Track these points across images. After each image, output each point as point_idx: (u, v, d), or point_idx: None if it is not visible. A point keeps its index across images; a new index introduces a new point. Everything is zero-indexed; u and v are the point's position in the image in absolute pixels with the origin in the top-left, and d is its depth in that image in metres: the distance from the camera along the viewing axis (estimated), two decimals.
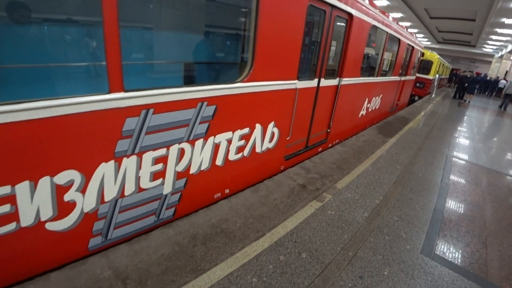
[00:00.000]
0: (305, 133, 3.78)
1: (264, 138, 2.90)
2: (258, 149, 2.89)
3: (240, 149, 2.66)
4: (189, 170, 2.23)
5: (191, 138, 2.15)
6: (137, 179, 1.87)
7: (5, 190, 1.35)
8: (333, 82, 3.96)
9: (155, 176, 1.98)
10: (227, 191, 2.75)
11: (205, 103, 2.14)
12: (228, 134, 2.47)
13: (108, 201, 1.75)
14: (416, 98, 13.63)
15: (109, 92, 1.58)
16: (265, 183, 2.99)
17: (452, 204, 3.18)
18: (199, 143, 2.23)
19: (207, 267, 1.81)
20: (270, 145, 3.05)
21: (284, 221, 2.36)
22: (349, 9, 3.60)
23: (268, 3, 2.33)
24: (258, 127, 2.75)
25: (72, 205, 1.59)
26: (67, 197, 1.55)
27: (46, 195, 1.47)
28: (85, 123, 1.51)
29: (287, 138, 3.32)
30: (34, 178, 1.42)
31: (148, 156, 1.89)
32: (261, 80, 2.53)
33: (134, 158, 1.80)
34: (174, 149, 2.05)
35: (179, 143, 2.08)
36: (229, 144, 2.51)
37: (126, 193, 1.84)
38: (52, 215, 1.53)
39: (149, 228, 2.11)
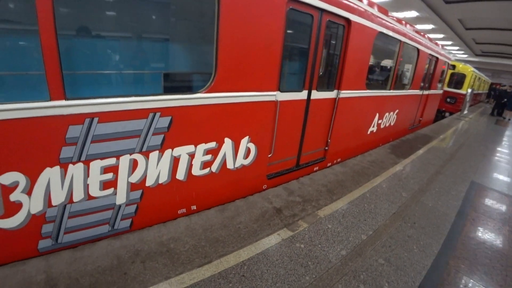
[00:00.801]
0: (294, 151, 3.44)
1: (236, 154, 2.65)
2: (230, 166, 2.65)
3: (206, 164, 2.45)
4: (144, 182, 2.16)
5: (144, 150, 2.07)
6: (86, 186, 1.87)
7: None
8: (329, 94, 3.60)
9: (105, 185, 1.96)
10: (193, 207, 2.57)
11: (158, 114, 2.03)
12: (190, 148, 2.29)
13: (56, 205, 1.79)
14: (447, 114, 12.43)
15: (49, 100, 1.61)
16: (236, 203, 2.71)
17: (464, 248, 2.57)
18: (154, 155, 2.13)
19: None
20: (246, 162, 2.79)
21: (240, 249, 2.05)
22: (345, 13, 3.25)
23: (230, 5, 2.13)
24: (228, 141, 2.52)
25: (18, 205, 1.66)
26: (12, 197, 1.62)
27: None
28: (27, 128, 1.55)
29: (269, 156, 3.02)
30: None
31: (96, 165, 1.87)
32: (227, 91, 2.32)
33: (80, 165, 1.81)
34: (125, 160, 2.00)
35: (131, 154, 2.02)
36: (192, 158, 2.33)
37: (75, 199, 1.85)
38: (0, 213, 1.60)
39: (103, 237, 2.09)
